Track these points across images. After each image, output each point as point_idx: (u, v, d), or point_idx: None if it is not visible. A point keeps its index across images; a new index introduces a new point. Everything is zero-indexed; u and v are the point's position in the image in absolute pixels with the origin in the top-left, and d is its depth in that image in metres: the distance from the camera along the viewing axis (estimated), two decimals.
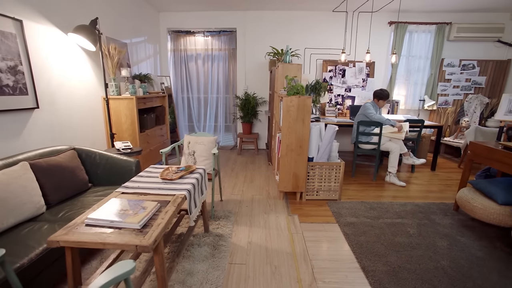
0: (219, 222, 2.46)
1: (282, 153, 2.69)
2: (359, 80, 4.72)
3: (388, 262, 1.94)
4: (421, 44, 4.69)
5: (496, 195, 2.24)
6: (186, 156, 2.73)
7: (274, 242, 2.20)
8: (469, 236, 2.29)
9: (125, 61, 3.48)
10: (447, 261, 1.96)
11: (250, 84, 4.89)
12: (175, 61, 5.07)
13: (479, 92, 4.79)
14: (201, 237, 2.21)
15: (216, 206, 2.83)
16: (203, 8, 4.54)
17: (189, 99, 5.24)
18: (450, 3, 4.10)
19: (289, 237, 2.28)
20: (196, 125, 5.35)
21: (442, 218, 2.59)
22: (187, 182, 1.89)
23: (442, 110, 4.92)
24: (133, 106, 3.10)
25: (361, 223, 2.46)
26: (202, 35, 4.98)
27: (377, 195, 3.14)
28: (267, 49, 4.62)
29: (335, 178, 2.85)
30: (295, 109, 2.57)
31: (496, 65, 4.64)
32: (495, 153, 2.32)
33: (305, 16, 4.62)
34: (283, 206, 2.81)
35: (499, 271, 1.86)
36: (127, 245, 1.15)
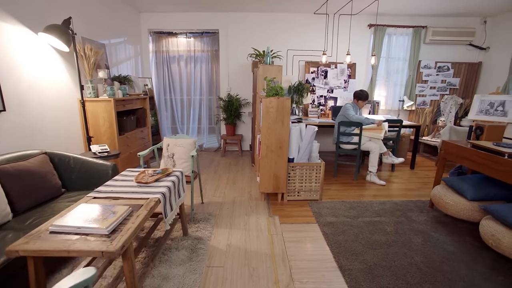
0: (199, 225, 2.44)
1: (262, 154, 2.70)
2: (341, 81, 4.81)
3: (365, 260, 1.97)
4: (400, 47, 4.83)
5: (466, 191, 2.33)
6: (165, 159, 2.69)
7: (254, 244, 2.20)
8: (442, 232, 2.37)
9: (103, 62, 3.39)
10: (420, 256, 2.02)
11: (233, 86, 4.88)
12: (157, 62, 5.00)
13: (454, 93, 4.98)
14: (180, 240, 2.18)
15: (196, 208, 2.80)
16: (185, 9, 4.50)
17: (172, 101, 5.17)
18: (425, 8, 4.25)
19: (269, 238, 2.28)
20: (179, 127, 5.28)
21: (418, 215, 2.67)
22: (163, 185, 1.86)
23: (420, 110, 5.08)
24: (111, 109, 3.02)
25: (341, 223, 2.50)
26: (185, 36, 4.94)
27: (358, 194, 3.20)
28: (249, 50, 4.62)
29: (315, 178, 2.89)
30: (274, 110, 2.58)
31: (468, 67, 4.85)
32: (464, 152, 2.41)
33: (287, 18, 4.66)
34: (264, 208, 2.82)
35: (468, 264, 1.93)
36: (92, 251, 1.12)
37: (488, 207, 2.02)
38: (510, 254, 1.78)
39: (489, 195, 2.27)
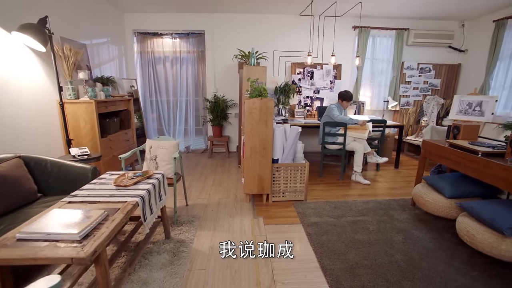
0: (182, 228, 2.40)
1: (246, 155, 2.70)
2: (327, 82, 4.86)
3: (347, 260, 1.99)
4: (383, 48, 4.93)
5: (444, 189, 2.39)
6: (148, 161, 2.65)
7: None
8: (422, 229, 2.42)
9: (84, 63, 3.31)
10: (400, 254, 2.05)
11: (220, 87, 4.86)
12: (142, 63, 4.93)
13: (436, 93, 5.11)
14: (162, 244, 2.14)
15: (180, 211, 2.77)
16: (170, 9, 4.46)
17: (158, 102, 5.10)
18: (407, 11, 4.35)
19: (253, 240, 2.27)
20: (166, 129, 5.22)
21: (400, 214, 2.72)
22: (142, 188, 1.83)
23: (404, 110, 5.19)
24: (93, 110, 2.95)
25: (324, 223, 2.52)
26: (170, 37, 4.89)
27: (342, 194, 3.23)
28: (236, 51, 4.61)
29: (300, 179, 2.90)
30: (257, 111, 2.58)
31: (448, 69, 4.99)
32: (443, 151, 2.48)
33: (273, 19, 4.68)
34: (249, 209, 2.81)
35: (445, 260, 1.98)
36: (61, 258, 1.09)
37: (463, 204, 2.08)
38: (483, 249, 1.83)
39: (466, 192, 2.34)
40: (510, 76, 3.99)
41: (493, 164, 1.93)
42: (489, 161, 1.97)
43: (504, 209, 1.84)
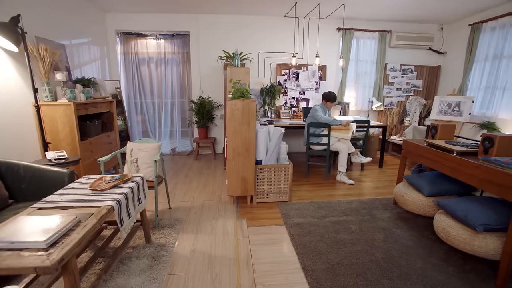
0: (163, 231, 2.36)
1: (229, 157, 2.68)
2: (312, 83, 4.91)
3: (328, 260, 2.00)
4: (367, 50, 5.01)
5: (423, 188, 2.45)
6: (129, 164, 2.59)
7: (219, 249, 2.16)
8: (403, 228, 2.47)
9: (62, 64, 3.22)
10: (381, 253, 2.08)
11: (205, 88, 4.82)
12: (126, 64, 4.84)
13: (418, 94, 5.24)
14: (141, 248, 2.10)
15: (163, 214, 2.72)
16: (154, 10, 4.40)
17: (143, 104, 5.02)
18: (389, 14, 4.45)
19: (235, 242, 2.26)
20: (151, 131, 5.14)
21: (383, 213, 2.76)
22: (119, 191, 1.78)
23: (388, 111, 5.29)
24: (72, 113, 2.87)
25: (308, 223, 2.53)
26: (154, 38, 4.82)
27: (327, 194, 3.26)
28: (221, 52, 4.59)
29: (284, 180, 2.91)
30: (240, 113, 2.57)
31: (429, 70, 5.14)
32: (421, 150, 2.54)
33: (258, 21, 4.69)
34: (233, 211, 2.79)
35: (423, 257, 2.02)
36: (24, 268, 1.04)
37: (440, 202, 2.13)
38: (458, 246, 1.88)
39: (443, 190, 2.40)
40: (485, 77, 4.13)
41: (466, 163, 1.99)
42: (463, 160, 2.02)
43: (477, 206, 1.89)
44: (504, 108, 3.82)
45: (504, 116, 3.82)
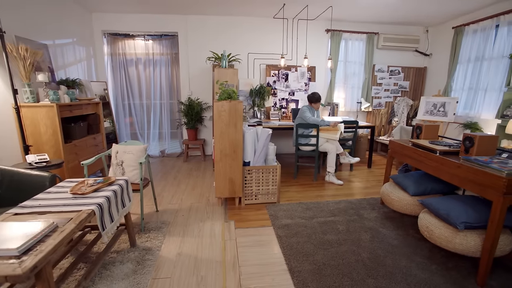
0: (149, 235, 2.32)
1: (217, 159, 2.66)
2: (301, 84, 4.93)
3: (315, 261, 2.00)
4: (355, 51, 5.07)
5: (408, 187, 2.48)
6: (114, 167, 2.54)
7: (206, 251, 2.14)
8: (389, 227, 2.49)
9: (45, 65, 3.14)
10: (367, 253, 2.10)
11: (195, 89, 4.79)
12: (113, 65, 4.76)
13: (405, 95, 5.33)
14: (126, 252, 2.06)
15: (150, 217, 2.68)
16: (141, 10, 4.34)
17: (131, 105, 4.94)
18: (376, 16, 4.51)
19: (222, 244, 2.24)
20: (139, 132, 5.06)
21: (370, 213, 2.79)
22: (101, 195, 1.74)
23: (376, 111, 5.36)
24: (54, 115, 2.80)
25: (295, 224, 2.53)
26: (142, 38, 4.76)
27: (316, 195, 3.27)
28: (210, 54, 4.57)
29: (272, 181, 2.90)
30: (226, 114, 2.56)
31: (416, 72, 5.24)
32: (406, 150, 2.57)
33: (247, 22, 4.69)
34: (220, 213, 2.77)
35: (408, 256, 2.05)
36: None
37: (424, 201, 2.16)
38: (441, 244, 1.91)
39: (428, 189, 2.44)
40: (468, 79, 4.24)
41: (449, 162, 2.02)
42: (445, 159, 2.06)
43: (458, 204, 1.93)
44: (486, 109, 3.92)
45: (486, 116, 3.92)
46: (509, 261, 1.97)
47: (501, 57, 3.70)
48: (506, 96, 3.41)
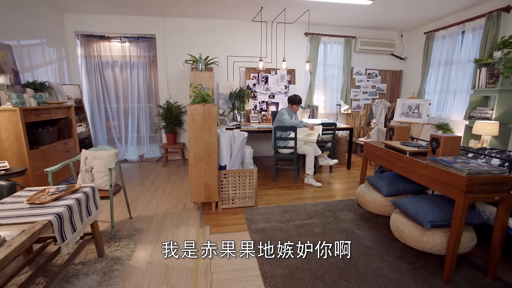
0: (120, 243, 2.23)
1: (191, 163, 2.61)
2: (281, 87, 4.96)
3: (288, 265, 1.98)
4: (334, 54, 5.16)
5: (382, 188, 2.52)
6: (83, 173, 2.44)
7: (178, 259, 2.07)
8: (364, 228, 2.52)
9: (8, 66, 2.98)
10: (340, 255, 2.10)
11: (173, 93, 4.70)
12: (88, 68, 4.60)
13: (383, 97, 5.48)
14: (92, 263, 1.96)
15: (122, 225, 2.58)
16: (117, 11, 4.23)
17: (107, 109, 4.79)
18: (353, 20, 4.62)
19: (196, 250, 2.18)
20: (116, 137, 4.91)
21: (346, 214, 2.81)
22: (62, 204, 1.65)
23: (356, 113, 5.47)
24: (18, 119, 2.66)
25: (271, 228, 2.51)
26: (119, 40, 4.64)
27: (294, 197, 3.27)
28: (189, 56, 4.51)
29: (249, 184, 2.88)
30: (200, 118, 2.51)
31: (392, 74, 5.40)
32: (379, 151, 2.62)
33: (226, 25, 4.67)
34: (196, 218, 2.71)
35: (380, 256, 2.07)
36: None
37: (395, 202, 2.20)
38: (410, 243, 1.95)
39: (400, 190, 2.48)
40: (440, 82, 4.41)
41: (417, 163, 2.07)
42: (414, 160, 2.11)
43: (426, 204, 1.97)
44: (456, 110, 4.09)
45: (456, 117, 4.09)
46: (473, 257, 2.04)
47: (467, 61, 3.88)
48: (472, 98, 3.56)
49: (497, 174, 1.66)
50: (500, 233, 1.71)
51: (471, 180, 1.62)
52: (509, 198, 1.66)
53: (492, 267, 1.79)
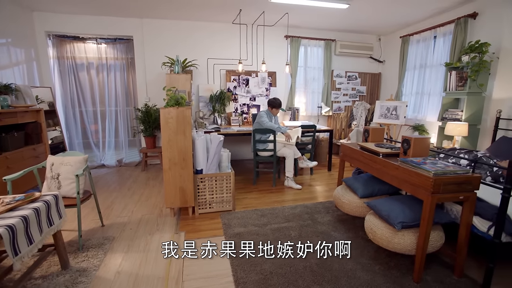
0: (88, 253, 2.13)
1: (165, 168, 2.54)
2: (262, 89, 4.95)
3: (262, 270, 1.95)
4: (314, 57, 5.21)
5: (358, 190, 2.54)
6: (49, 181, 2.32)
7: (149, 267, 2.00)
8: (341, 230, 2.53)
9: None
10: (315, 258, 2.08)
11: (152, 96, 4.60)
12: (61, 70, 4.42)
13: (363, 99, 5.58)
14: (55, 276, 1.85)
15: (93, 233, 2.47)
16: (91, 11, 4.10)
17: (83, 113, 4.61)
18: (332, 24, 4.69)
19: (168, 258, 2.11)
20: (93, 141, 4.74)
21: (324, 216, 2.81)
22: (16, 215, 1.55)
23: (336, 115, 5.54)
24: None
25: (248, 232, 2.47)
26: (94, 42, 4.49)
27: (273, 201, 3.24)
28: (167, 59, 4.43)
29: (226, 188, 2.83)
30: (174, 121, 2.45)
31: (371, 77, 5.52)
32: (355, 153, 2.65)
33: (206, 27, 4.62)
34: (172, 224, 2.63)
35: (355, 258, 2.07)
36: None
37: (369, 203, 2.22)
38: (382, 244, 1.96)
39: (375, 191, 2.51)
40: (415, 84, 4.55)
41: (389, 164, 2.10)
42: (386, 161, 2.14)
43: (398, 205, 2.00)
44: (430, 112, 4.22)
45: (431, 118, 4.22)
46: (443, 255, 2.08)
47: (439, 65, 4.02)
48: (444, 100, 3.68)
49: (461, 174, 1.70)
50: (465, 232, 1.75)
51: (437, 181, 1.65)
52: (472, 197, 1.70)
53: (459, 264, 1.83)
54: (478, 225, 1.82)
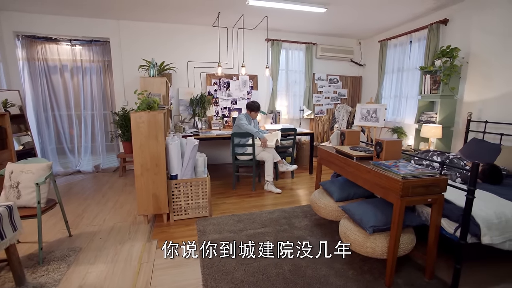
0: (49, 267, 2.00)
1: (137, 173, 2.44)
2: (244, 93, 4.91)
3: (233, 279, 1.89)
4: (296, 60, 5.23)
5: (334, 193, 2.52)
6: (7, 190, 2.18)
7: (115, 279, 1.90)
8: (317, 234, 2.50)
9: None
10: (289, 265, 2.04)
11: (130, 99, 4.46)
12: (31, 72, 4.23)
13: (344, 102, 5.64)
14: None
15: (59, 244, 2.34)
16: (64, 12, 3.95)
17: (56, 117, 4.43)
18: (312, 27, 4.72)
19: (137, 268, 2.01)
20: (67, 147, 4.55)
21: (301, 221, 2.78)
22: None
23: (318, 118, 5.57)
24: None
25: (223, 239, 2.40)
26: (68, 43, 4.33)
27: (252, 205, 3.19)
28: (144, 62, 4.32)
29: (202, 194, 2.76)
30: (145, 126, 2.37)
31: (352, 80, 5.59)
32: (331, 156, 2.64)
33: (186, 30, 4.56)
34: (145, 232, 2.53)
35: (329, 264, 2.04)
36: None
37: (344, 207, 2.20)
38: (355, 249, 1.94)
39: (351, 194, 2.50)
40: (394, 87, 4.65)
41: (361, 167, 2.09)
42: (359, 165, 2.13)
43: (371, 208, 1.99)
44: (408, 114, 4.31)
45: (408, 121, 4.30)
46: (414, 258, 2.09)
47: (415, 68, 4.11)
48: (420, 103, 3.76)
49: (429, 176, 1.71)
50: (434, 234, 1.76)
51: (406, 184, 1.64)
52: (440, 199, 1.71)
53: (429, 266, 1.83)
54: (446, 227, 1.83)
